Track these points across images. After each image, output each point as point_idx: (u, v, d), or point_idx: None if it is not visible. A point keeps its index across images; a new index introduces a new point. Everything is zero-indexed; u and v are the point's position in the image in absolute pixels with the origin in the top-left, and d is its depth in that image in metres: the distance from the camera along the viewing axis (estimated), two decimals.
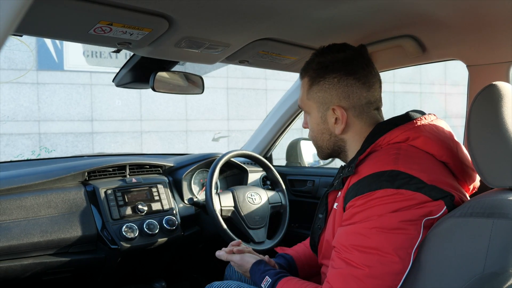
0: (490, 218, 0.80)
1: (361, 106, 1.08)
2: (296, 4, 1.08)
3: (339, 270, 0.92)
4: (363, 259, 0.89)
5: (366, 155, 1.02)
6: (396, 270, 0.88)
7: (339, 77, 1.06)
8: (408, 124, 1.02)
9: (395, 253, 0.88)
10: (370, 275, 0.88)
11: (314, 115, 1.13)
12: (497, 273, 0.78)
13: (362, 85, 1.06)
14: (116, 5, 1.00)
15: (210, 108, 8.84)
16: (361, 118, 1.08)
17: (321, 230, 1.13)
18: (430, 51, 1.43)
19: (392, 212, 0.89)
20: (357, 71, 1.06)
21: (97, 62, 7.99)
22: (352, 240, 0.92)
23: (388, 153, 0.97)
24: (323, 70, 1.08)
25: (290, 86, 2.18)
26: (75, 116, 7.84)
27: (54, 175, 1.63)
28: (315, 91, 1.10)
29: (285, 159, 2.52)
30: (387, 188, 0.90)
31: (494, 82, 0.93)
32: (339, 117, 1.07)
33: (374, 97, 1.09)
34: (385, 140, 1.01)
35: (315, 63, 1.11)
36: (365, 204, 0.92)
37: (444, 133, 1.04)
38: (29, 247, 1.47)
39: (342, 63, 1.07)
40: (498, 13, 1.13)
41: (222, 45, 1.34)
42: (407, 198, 0.89)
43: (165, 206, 1.79)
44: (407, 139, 1.00)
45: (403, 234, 0.88)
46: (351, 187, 0.97)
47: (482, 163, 0.90)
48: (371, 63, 1.10)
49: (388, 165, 0.94)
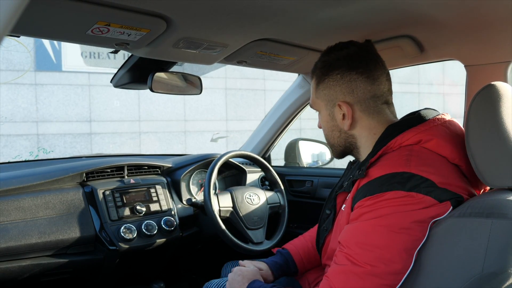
0: (489, 218, 0.80)
1: (367, 100, 1.07)
2: (294, 5, 1.08)
3: (341, 267, 0.92)
4: (365, 257, 0.89)
5: (377, 158, 1.00)
6: (397, 270, 0.87)
7: (342, 73, 1.06)
8: (421, 126, 1.00)
9: (398, 253, 0.87)
10: (371, 273, 0.88)
11: (323, 113, 1.13)
12: (496, 273, 0.78)
13: (366, 79, 1.05)
14: (113, 6, 1.00)
15: (208, 109, 8.84)
16: (368, 113, 1.07)
17: (328, 232, 1.13)
18: (428, 51, 1.43)
19: (401, 213, 0.88)
20: (359, 66, 1.05)
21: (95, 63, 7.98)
22: (357, 238, 0.91)
23: (400, 155, 0.96)
24: (327, 68, 1.09)
25: (289, 87, 2.17)
26: (73, 117, 7.83)
27: (52, 176, 1.63)
28: (321, 89, 1.11)
29: (284, 159, 2.52)
30: (397, 190, 0.89)
31: (492, 82, 0.93)
32: (345, 113, 1.07)
33: (380, 90, 1.07)
34: (397, 143, 0.99)
35: (320, 62, 1.12)
36: (374, 205, 0.91)
37: (457, 134, 1.01)
38: (27, 248, 1.46)
39: (344, 59, 1.07)
40: (496, 13, 1.13)
41: (220, 45, 1.34)
42: (417, 201, 0.88)
43: (164, 207, 1.79)
44: (419, 141, 0.98)
45: (408, 235, 0.88)
46: (361, 188, 0.97)
47: (481, 163, 0.90)
48: (375, 57, 1.09)
49: (400, 166, 0.92)
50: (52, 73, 7.67)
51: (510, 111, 0.90)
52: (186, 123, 8.69)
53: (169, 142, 8.59)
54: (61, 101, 7.74)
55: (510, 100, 0.91)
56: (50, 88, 7.65)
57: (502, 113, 0.89)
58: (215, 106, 8.91)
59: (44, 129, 7.63)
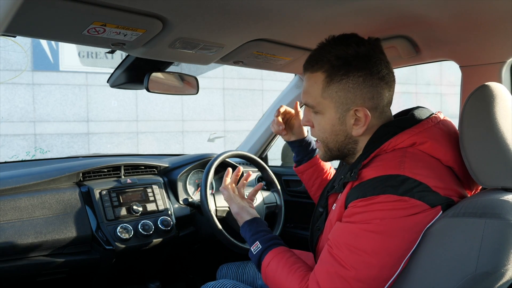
0: (483, 218, 0.80)
1: (383, 107, 1.02)
2: (290, 5, 1.08)
3: (328, 266, 0.91)
4: (352, 260, 0.88)
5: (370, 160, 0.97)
6: (383, 276, 0.87)
7: (365, 76, 0.97)
8: (415, 128, 0.97)
9: (386, 260, 0.87)
10: (355, 278, 0.87)
11: (330, 115, 1.02)
12: (489, 273, 0.78)
13: (385, 84, 1.00)
14: (109, 6, 1.00)
15: (206, 109, 8.84)
16: (380, 119, 1.02)
17: (321, 232, 1.11)
18: (423, 51, 1.44)
19: (392, 219, 0.87)
20: (381, 70, 0.98)
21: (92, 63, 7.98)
22: (346, 239, 0.90)
23: (394, 156, 0.93)
24: (346, 67, 0.97)
25: (286, 86, 2.18)
26: (71, 117, 7.82)
27: (49, 176, 1.63)
28: (335, 90, 0.99)
29: (281, 159, 2.52)
30: (390, 194, 0.87)
31: (486, 83, 0.94)
32: (360, 119, 0.99)
33: (391, 96, 1.04)
34: (391, 145, 0.96)
35: (333, 57, 0.98)
36: (366, 207, 0.89)
37: (451, 135, 0.99)
38: (23, 248, 1.46)
39: (366, 59, 0.97)
40: (490, 14, 1.13)
41: (216, 45, 1.34)
42: (409, 206, 0.87)
43: (160, 207, 1.79)
44: (413, 144, 0.95)
45: (399, 242, 0.87)
46: (352, 190, 0.94)
47: (475, 163, 0.90)
48: (388, 59, 1.02)
49: (394, 169, 0.90)
50: (49, 73, 7.66)
51: (504, 111, 0.90)
52: (184, 123, 8.70)
53: (166, 142, 8.59)
54: (59, 101, 7.73)
55: (504, 101, 0.92)
56: (48, 88, 7.65)
57: (496, 113, 0.89)
58: (212, 106, 8.92)
59: (42, 129, 7.62)
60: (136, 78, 1.60)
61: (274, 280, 1.03)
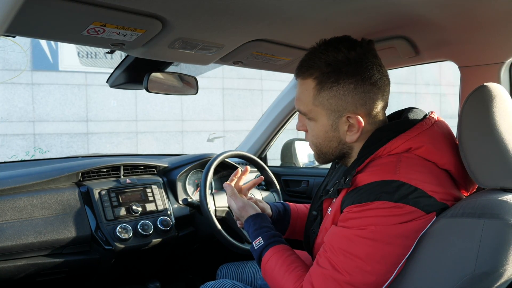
0: (481, 218, 0.81)
1: (376, 112, 1.00)
2: (290, 5, 1.08)
3: (323, 269, 0.91)
4: (346, 265, 0.88)
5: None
6: (377, 282, 0.87)
7: (356, 83, 0.95)
8: (409, 132, 0.96)
9: (379, 266, 0.87)
10: (349, 282, 0.88)
11: (322, 122, 1.01)
12: (487, 273, 0.78)
13: (378, 90, 0.97)
14: (109, 6, 1.00)
15: (205, 109, 8.84)
16: (374, 124, 1.00)
17: (316, 235, 1.10)
18: (422, 52, 1.44)
19: (387, 226, 0.86)
20: (373, 75, 0.96)
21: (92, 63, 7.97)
22: (341, 244, 0.90)
23: (389, 162, 0.92)
24: (336, 74, 0.95)
25: (285, 86, 2.18)
26: (70, 117, 7.82)
27: (48, 176, 1.63)
28: (326, 98, 0.97)
29: (280, 159, 2.52)
30: (385, 201, 0.87)
31: (485, 83, 0.94)
32: (353, 125, 0.98)
33: (386, 100, 1.01)
34: (386, 151, 0.95)
35: (323, 63, 0.96)
36: (361, 213, 0.89)
37: (446, 137, 0.98)
38: (22, 248, 1.46)
39: (357, 65, 0.95)
40: (489, 14, 1.13)
41: (216, 46, 1.34)
42: (404, 213, 0.86)
43: (160, 207, 1.79)
44: (409, 149, 0.94)
45: (393, 248, 0.87)
46: (347, 195, 0.94)
47: (474, 163, 0.90)
48: (381, 62, 1.00)
49: (389, 174, 0.89)
50: (49, 72, 7.66)
51: (502, 111, 0.91)
52: (183, 123, 8.69)
53: (166, 142, 8.58)
54: (58, 100, 7.73)
55: (502, 101, 0.92)
56: (47, 87, 7.64)
57: (494, 114, 0.89)
58: (212, 106, 8.92)
59: (41, 129, 7.62)
60: (136, 78, 1.60)
61: (272, 277, 1.04)
